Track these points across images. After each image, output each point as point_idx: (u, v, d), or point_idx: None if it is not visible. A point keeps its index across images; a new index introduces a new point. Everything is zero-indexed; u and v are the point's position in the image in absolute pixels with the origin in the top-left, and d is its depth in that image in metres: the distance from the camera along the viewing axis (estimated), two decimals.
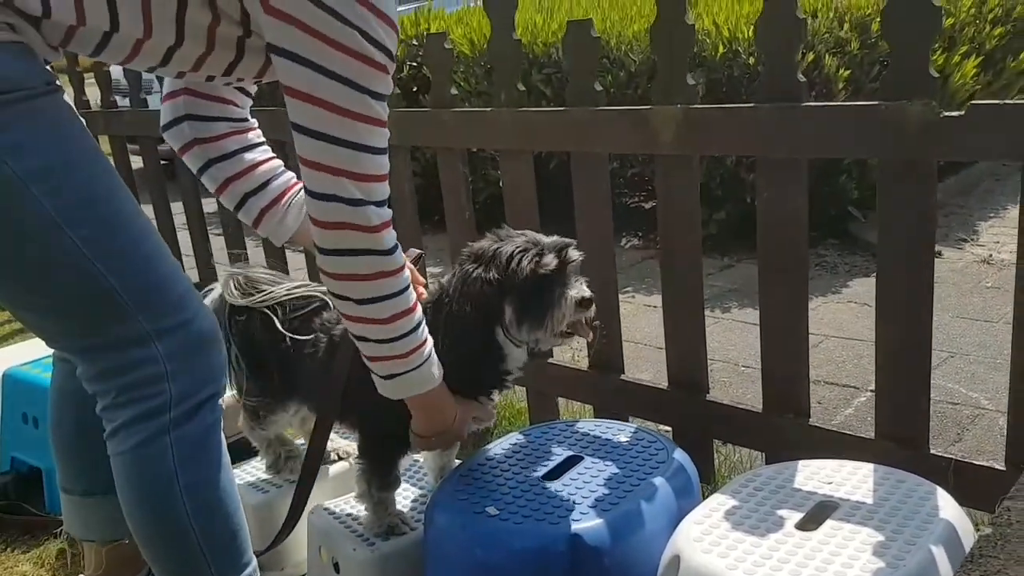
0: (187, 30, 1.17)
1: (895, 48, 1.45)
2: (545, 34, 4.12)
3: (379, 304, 1.25)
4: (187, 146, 1.47)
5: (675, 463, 1.52)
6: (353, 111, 1.15)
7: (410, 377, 1.33)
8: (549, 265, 1.40)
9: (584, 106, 1.87)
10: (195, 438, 1.27)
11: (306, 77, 1.12)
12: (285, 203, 1.52)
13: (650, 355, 2.88)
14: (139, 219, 1.23)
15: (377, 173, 1.20)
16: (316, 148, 1.16)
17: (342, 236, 1.20)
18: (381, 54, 1.15)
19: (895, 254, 1.54)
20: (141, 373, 1.22)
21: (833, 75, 3.42)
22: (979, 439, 2.20)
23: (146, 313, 1.21)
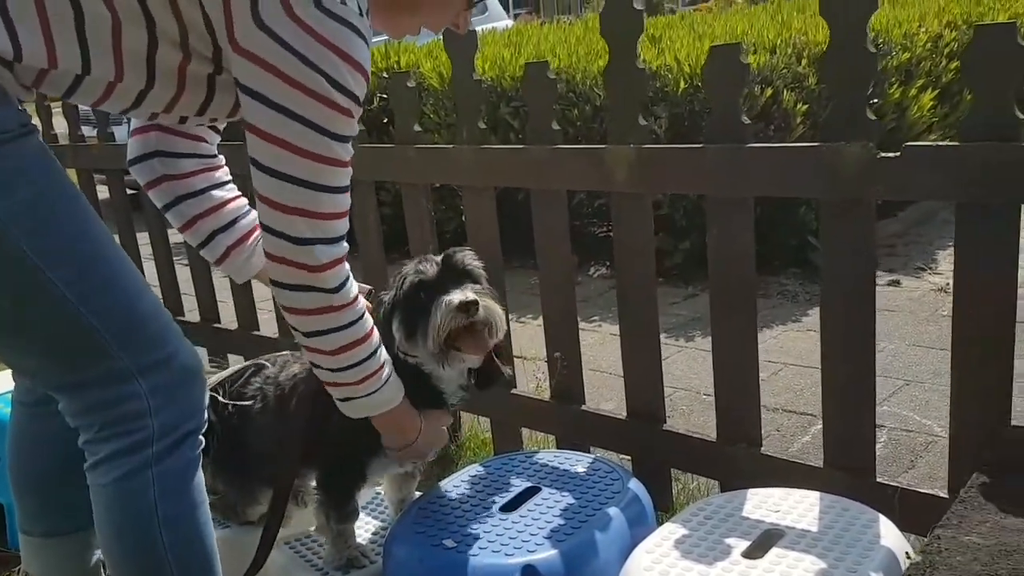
0: (158, 71, 1.18)
1: (833, 92, 1.52)
2: (513, 68, 4.19)
3: (324, 337, 1.28)
4: (155, 182, 1.48)
5: (630, 493, 1.56)
6: (314, 152, 1.17)
7: (365, 401, 1.37)
8: (428, 272, 1.40)
9: (542, 144, 1.93)
10: (176, 472, 1.28)
11: (269, 117, 1.14)
12: (252, 242, 1.54)
13: (615, 384, 2.91)
14: (118, 257, 1.24)
15: (334, 211, 1.22)
16: (272, 185, 1.18)
17: (286, 271, 1.22)
18: (347, 99, 1.16)
19: (838, 290, 1.59)
20: (124, 408, 1.23)
21: (791, 110, 3.51)
22: (932, 466, 2.25)
23: (128, 350, 1.22)
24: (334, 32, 1.13)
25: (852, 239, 1.55)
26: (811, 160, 1.54)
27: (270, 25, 1.11)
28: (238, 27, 1.13)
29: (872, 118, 1.49)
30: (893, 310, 3.41)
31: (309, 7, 1.11)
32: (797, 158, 1.57)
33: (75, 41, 1.12)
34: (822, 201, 1.57)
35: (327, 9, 1.12)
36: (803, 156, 1.56)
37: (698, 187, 1.73)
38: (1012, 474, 1.27)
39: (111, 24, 1.13)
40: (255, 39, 1.12)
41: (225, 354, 3.07)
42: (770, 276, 3.87)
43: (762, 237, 1.98)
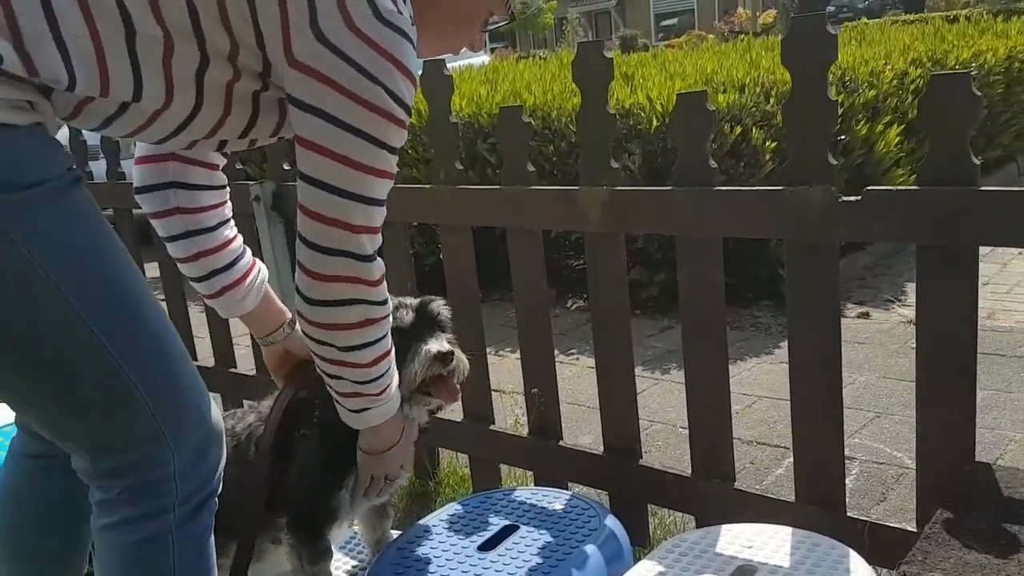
0: (206, 90, 1.14)
1: (796, 138, 1.58)
2: (490, 105, 4.25)
3: (363, 350, 1.26)
4: (166, 213, 1.43)
5: (607, 530, 1.58)
6: (372, 166, 1.15)
7: (378, 411, 1.37)
8: (403, 320, 1.46)
9: (517, 185, 1.97)
10: (196, 537, 1.24)
11: (326, 132, 1.11)
12: (248, 284, 1.51)
13: (592, 417, 2.93)
14: (157, 315, 1.19)
15: (381, 224, 1.22)
16: (335, 204, 1.15)
17: (344, 288, 1.20)
18: (402, 110, 1.14)
19: (804, 328, 1.64)
20: (151, 473, 1.18)
21: (760, 147, 3.59)
22: (903, 498, 2.29)
23: (163, 413, 1.17)
24: (392, 42, 1.10)
25: (817, 279, 1.59)
26: (776, 203, 1.60)
27: (330, 38, 1.08)
28: (296, 41, 1.09)
29: (833, 163, 1.55)
30: (863, 342, 3.48)
31: (370, 19, 1.08)
32: (762, 201, 1.62)
33: (128, 65, 1.07)
34: (787, 243, 1.62)
35: (386, 19, 1.09)
36: (768, 199, 1.61)
37: (668, 228, 1.78)
38: (975, 510, 1.31)
39: (163, 43, 1.09)
40: (315, 53, 1.08)
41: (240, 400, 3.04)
42: (743, 308, 3.93)
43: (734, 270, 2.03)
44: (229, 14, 1.09)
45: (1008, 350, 3.24)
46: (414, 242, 4.01)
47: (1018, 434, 2.59)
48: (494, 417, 2.28)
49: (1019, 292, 3.91)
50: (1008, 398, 2.84)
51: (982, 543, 1.22)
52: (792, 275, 1.63)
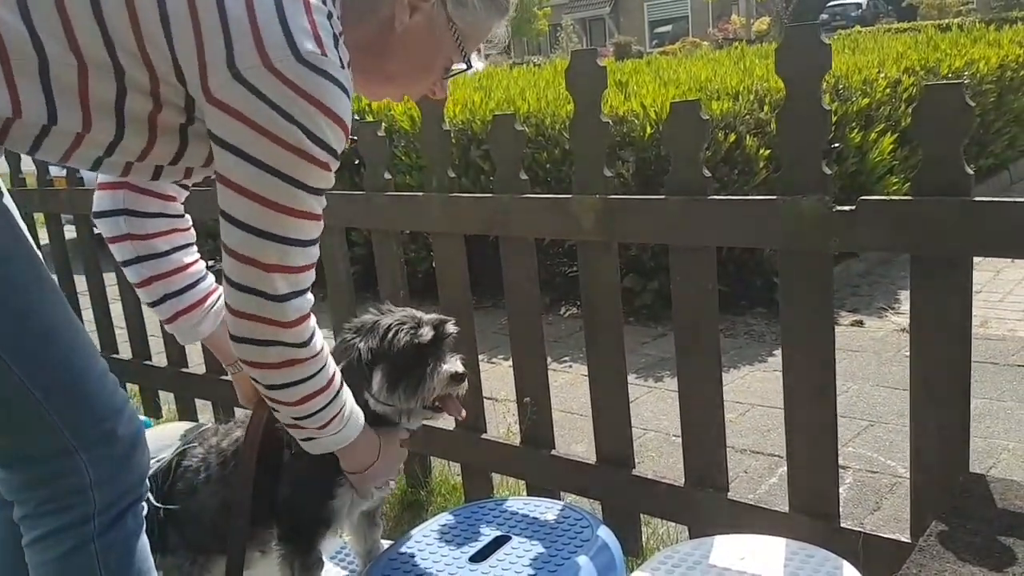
0: (127, 120, 1.14)
1: (790, 148, 1.57)
2: (483, 112, 4.25)
3: (287, 389, 1.27)
4: (118, 239, 1.46)
5: (599, 541, 1.57)
6: (289, 207, 1.14)
7: (327, 441, 1.37)
8: (424, 337, 1.49)
9: (510, 193, 1.96)
10: (120, 545, 1.25)
11: (243, 170, 1.12)
12: (204, 309, 1.52)
13: (585, 425, 2.92)
14: (70, 328, 1.20)
15: (305, 264, 1.21)
16: (245, 241, 1.16)
17: (256, 327, 1.20)
18: (324, 152, 1.14)
19: (797, 338, 1.63)
20: (64, 484, 1.20)
21: (754, 155, 3.60)
22: (896, 507, 2.29)
23: (72, 427, 1.18)
24: (313, 85, 1.10)
25: (810, 289, 1.59)
26: (769, 213, 1.59)
27: (247, 77, 1.08)
28: (212, 77, 1.09)
29: (827, 172, 1.54)
30: (857, 350, 3.47)
31: (289, 60, 1.08)
32: (756, 211, 1.61)
33: (39, 89, 1.08)
34: (780, 252, 1.62)
35: (307, 61, 1.09)
36: (761, 209, 1.60)
37: (660, 237, 1.77)
38: (969, 521, 1.30)
39: (77, 71, 1.09)
40: (230, 90, 1.09)
41: (192, 398, 3.04)
42: (737, 316, 3.93)
43: (728, 277, 2.02)
44: (147, 48, 1.09)
45: (1001, 359, 3.24)
46: (407, 249, 4.01)
47: (1011, 443, 2.59)
48: (486, 426, 2.27)
49: (1012, 300, 3.92)
50: (1001, 407, 2.84)
51: (977, 555, 1.21)
52: (786, 284, 1.62)
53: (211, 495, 1.59)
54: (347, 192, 2.37)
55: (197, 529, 1.63)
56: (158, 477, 1.63)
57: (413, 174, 4.25)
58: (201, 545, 1.65)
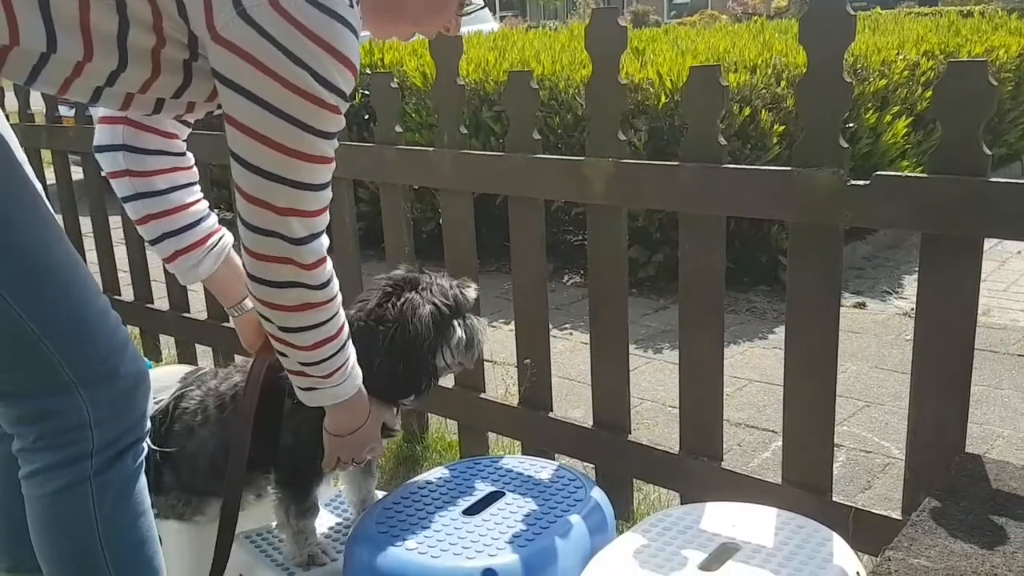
0: (130, 53, 1.11)
1: (808, 118, 1.56)
2: (497, 73, 4.21)
3: (300, 333, 1.25)
4: (118, 174, 1.43)
5: (592, 501, 1.58)
6: (298, 151, 1.12)
7: (328, 392, 1.36)
8: (469, 298, 1.57)
9: (522, 153, 1.95)
10: (117, 485, 1.25)
11: (250, 112, 1.09)
12: (203, 250, 1.50)
13: (583, 392, 2.94)
14: (70, 263, 1.19)
15: (319, 208, 1.19)
16: (257, 184, 1.14)
17: (276, 269, 1.18)
18: (333, 95, 1.11)
19: (803, 310, 1.63)
20: (64, 420, 1.19)
21: (768, 130, 3.56)
22: (888, 487, 2.30)
23: (72, 364, 1.18)
24: (321, 25, 1.07)
25: (819, 262, 1.58)
26: (783, 184, 1.58)
27: (254, 16, 1.05)
28: (218, 16, 1.06)
29: (844, 146, 1.53)
30: (858, 332, 3.48)
31: (298, 0, 1.06)
32: (770, 181, 1.60)
33: (38, 16, 1.05)
34: (792, 224, 1.61)
35: (316, 2, 1.06)
36: (776, 180, 1.59)
37: (672, 204, 1.76)
38: (963, 500, 1.31)
39: (78, 5, 1.06)
40: (237, 30, 1.06)
41: (193, 343, 3.05)
42: (739, 293, 3.93)
43: (733, 254, 2.01)
44: None
45: (1001, 347, 3.24)
46: (413, 208, 3.99)
47: (1007, 430, 2.60)
48: (485, 386, 2.28)
49: (1016, 290, 3.91)
50: (999, 394, 2.85)
51: (968, 533, 1.22)
52: (795, 258, 1.62)
53: (208, 437, 1.60)
54: (357, 144, 2.36)
55: (192, 471, 1.64)
56: (156, 419, 1.64)
57: (423, 132, 4.22)
58: (195, 486, 1.67)
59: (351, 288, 2.47)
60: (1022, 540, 1.20)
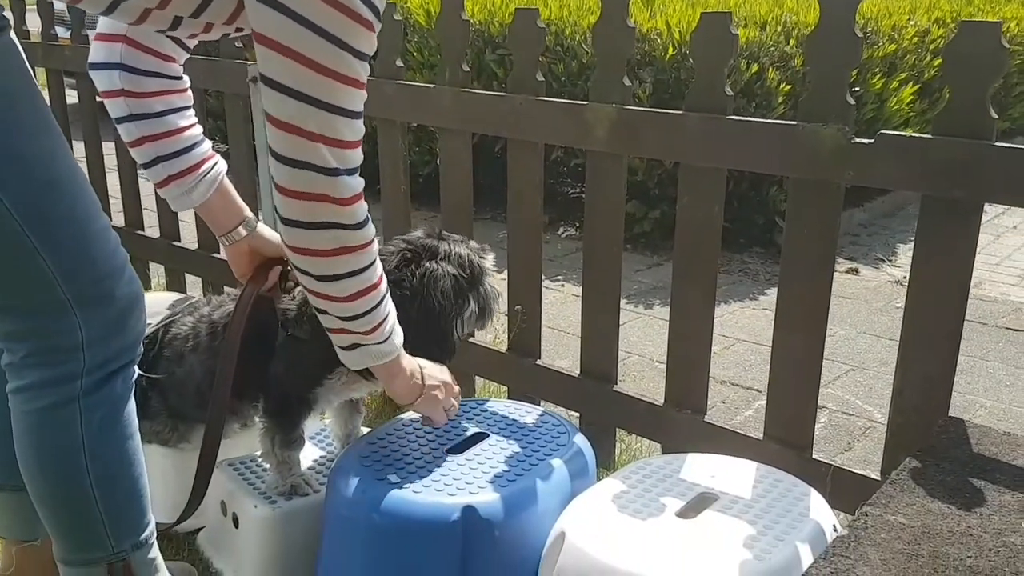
0: None
1: (816, 72, 1.53)
2: (502, 14, 4.13)
3: (341, 282, 1.21)
4: (112, 93, 1.40)
5: (574, 447, 1.59)
6: (333, 70, 1.07)
7: (372, 350, 1.32)
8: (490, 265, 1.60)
9: (524, 94, 1.92)
10: (106, 406, 1.24)
11: (284, 26, 1.04)
12: (197, 176, 1.47)
13: (571, 343, 2.94)
14: (75, 180, 1.17)
15: (354, 139, 1.14)
16: (290, 108, 1.08)
17: (310, 207, 1.13)
18: (368, 10, 1.07)
19: (797, 266, 1.62)
20: (55, 340, 1.18)
21: (774, 89, 3.52)
22: (868, 450, 2.32)
23: (69, 281, 1.16)
24: None
25: (817, 219, 1.57)
26: (787, 138, 1.56)
27: None
28: None
29: (851, 102, 1.50)
30: (848, 297, 3.48)
31: None
32: (774, 134, 1.58)
33: None
34: (792, 179, 1.59)
35: None
36: (779, 133, 1.57)
37: (675, 154, 1.74)
38: (944, 461, 1.32)
39: None
40: None
41: (183, 272, 3.03)
42: (734, 253, 3.92)
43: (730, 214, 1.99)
44: None
45: (990, 320, 3.26)
46: (411, 150, 3.94)
47: (989, 401, 2.62)
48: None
49: (1009, 264, 3.92)
50: (984, 365, 2.87)
51: (947, 493, 1.23)
52: (793, 214, 1.60)
53: (198, 364, 1.60)
54: None
55: (180, 397, 1.64)
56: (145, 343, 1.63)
57: (424, 72, 4.16)
58: (182, 413, 1.67)
59: None
60: (999, 503, 1.21)
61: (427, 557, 1.39)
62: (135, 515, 1.32)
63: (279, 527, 1.56)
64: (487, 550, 1.38)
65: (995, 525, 1.16)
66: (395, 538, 1.40)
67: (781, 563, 1.25)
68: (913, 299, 1.51)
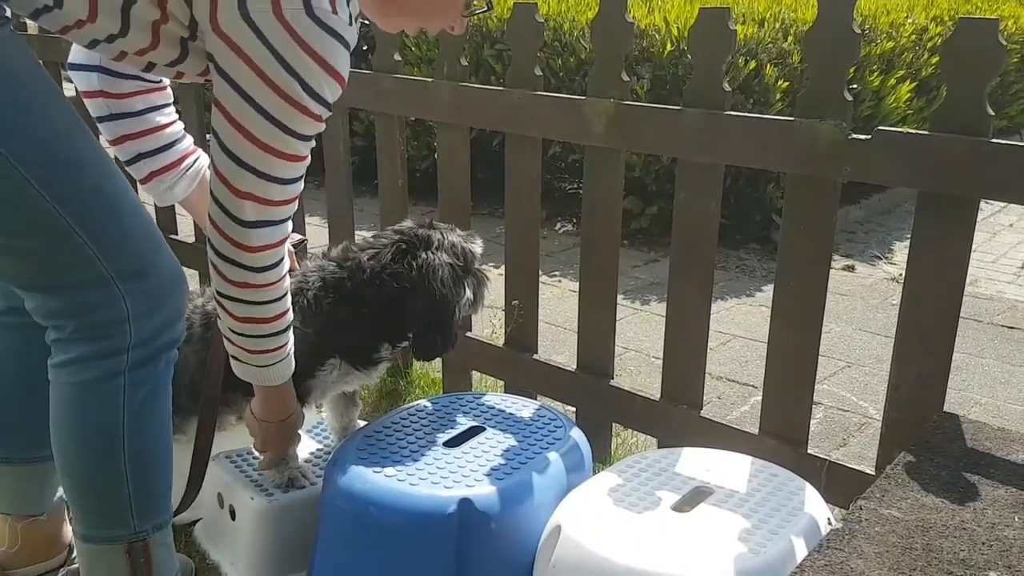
0: (132, 22, 1.15)
1: (814, 68, 1.53)
2: (501, 9, 4.12)
3: (235, 303, 1.29)
4: (92, 94, 1.43)
5: (571, 440, 1.59)
6: (274, 148, 1.17)
7: (251, 370, 1.39)
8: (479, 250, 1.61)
9: (522, 89, 1.92)
10: (149, 384, 1.27)
11: (236, 103, 1.14)
12: (179, 172, 1.51)
13: (568, 339, 2.95)
14: (100, 159, 1.21)
15: (283, 199, 1.23)
16: (227, 165, 1.18)
17: (222, 242, 1.23)
18: (317, 104, 1.16)
19: (793, 262, 1.62)
20: (102, 313, 1.21)
21: (772, 85, 3.52)
22: (863, 446, 2.33)
23: (108, 256, 1.20)
24: (319, 41, 1.12)
25: (814, 215, 1.57)
26: (784, 134, 1.56)
27: (254, 19, 1.10)
28: (222, 12, 1.11)
29: (848, 98, 1.51)
30: (845, 294, 3.49)
31: (299, 12, 1.10)
32: (771, 130, 1.58)
33: None
34: (790, 175, 1.60)
35: (316, 17, 1.11)
36: (777, 129, 1.58)
37: (672, 149, 1.74)
38: (938, 456, 1.32)
39: None
40: (238, 28, 1.10)
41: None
42: (731, 250, 3.92)
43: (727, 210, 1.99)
44: None
45: (986, 317, 3.27)
46: (408, 145, 3.94)
47: (984, 398, 2.63)
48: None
49: (1005, 263, 3.93)
50: (979, 363, 2.88)
51: (941, 488, 1.24)
52: (790, 209, 1.61)
53: (191, 354, 1.59)
54: (353, 71, 2.30)
55: (175, 388, 1.64)
56: None
57: (422, 66, 4.15)
58: (177, 404, 1.67)
59: (342, 224, 2.45)
60: (993, 497, 1.21)
61: (423, 550, 1.39)
62: (160, 496, 1.34)
63: (276, 519, 1.56)
64: (483, 543, 1.39)
65: (988, 519, 1.16)
66: (391, 531, 1.41)
67: (776, 556, 1.25)
68: (909, 296, 1.52)
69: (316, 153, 1.29)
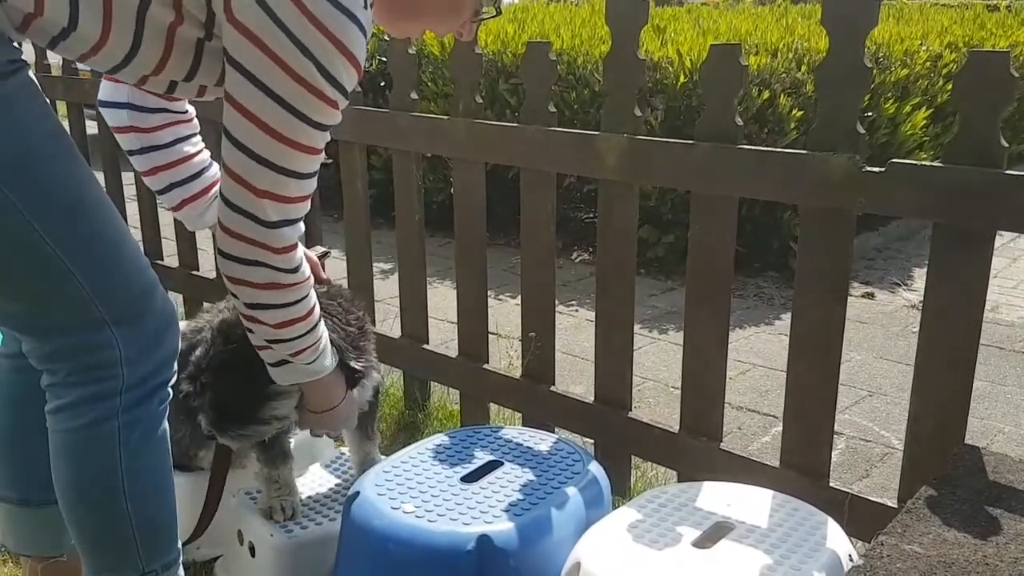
0: (146, 30, 1.15)
1: (826, 102, 1.54)
2: (515, 45, 4.18)
3: (267, 311, 1.27)
4: (123, 130, 1.47)
5: (589, 475, 1.59)
6: (291, 139, 1.15)
7: (299, 369, 1.38)
8: None
9: (537, 125, 1.94)
10: (144, 424, 1.27)
11: (251, 94, 1.12)
12: (209, 198, 1.54)
13: (585, 368, 2.94)
14: (101, 204, 1.22)
15: (298, 195, 1.22)
16: (243, 164, 1.16)
17: (246, 248, 1.21)
18: (335, 90, 1.14)
19: (810, 294, 1.62)
20: (95, 357, 1.22)
21: (786, 115, 3.54)
22: (886, 477, 2.31)
23: (104, 301, 1.20)
24: (335, 22, 1.10)
25: (830, 247, 1.57)
26: (798, 167, 1.57)
27: (270, 3, 1.09)
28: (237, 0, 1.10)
29: (861, 131, 1.52)
30: (865, 322, 3.47)
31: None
32: (784, 163, 1.59)
33: None
34: (803, 208, 1.60)
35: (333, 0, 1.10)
36: (790, 162, 1.58)
37: (686, 183, 1.75)
38: (960, 490, 1.31)
39: None
40: (252, 13, 1.09)
41: (201, 301, 3.07)
42: (748, 277, 3.92)
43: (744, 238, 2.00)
44: None
45: (1007, 344, 3.23)
46: (425, 178, 3.99)
47: (1007, 426, 2.60)
48: (488, 357, 2.29)
49: None
50: (1001, 390, 2.84)
51: (963, 522, 1.22)
52: (805, 242, 1.61)
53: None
54: (371, 109, 2.35)
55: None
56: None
57: (438, 101, 4.20)
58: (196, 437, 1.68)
59: (360, 256, 2.48)
60: (1015, 531, 1.20)
61: None
62: (166, 536, 1.34)
63: (295, 556, 1.57)
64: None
65: (1012, 553, 1.15)
66: (410, 568, 1.41)
67: None
68: (927, 327, 1.51)
69: (335, 187, 1.30)
